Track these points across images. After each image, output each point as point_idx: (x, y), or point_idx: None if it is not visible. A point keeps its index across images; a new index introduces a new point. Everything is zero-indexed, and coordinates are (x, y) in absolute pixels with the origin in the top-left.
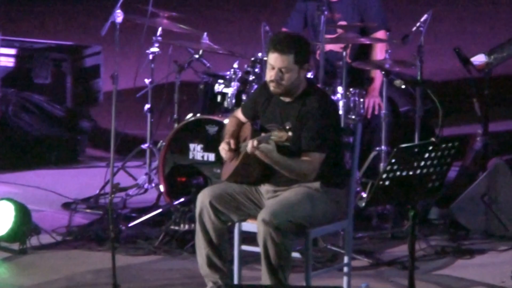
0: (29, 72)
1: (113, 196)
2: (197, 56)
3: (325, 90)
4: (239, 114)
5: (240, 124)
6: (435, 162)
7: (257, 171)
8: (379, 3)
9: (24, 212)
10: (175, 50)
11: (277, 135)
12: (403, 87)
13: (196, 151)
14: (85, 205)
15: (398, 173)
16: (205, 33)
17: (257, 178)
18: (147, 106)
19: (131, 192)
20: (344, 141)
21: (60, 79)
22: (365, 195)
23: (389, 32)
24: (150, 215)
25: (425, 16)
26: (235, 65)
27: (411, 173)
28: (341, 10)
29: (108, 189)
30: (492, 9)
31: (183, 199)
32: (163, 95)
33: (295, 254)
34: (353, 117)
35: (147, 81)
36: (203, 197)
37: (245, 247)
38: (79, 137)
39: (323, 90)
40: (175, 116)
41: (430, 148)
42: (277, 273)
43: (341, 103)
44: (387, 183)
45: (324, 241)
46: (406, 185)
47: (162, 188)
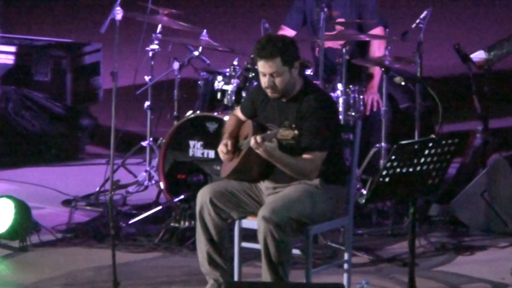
0: (29, 70)
1: (113, 193)
2: (196, 53)
3: (322, 87)
4: (239, 113)
5: (239, 122)
6: (435, 159)
7: (257, 168)
8: (376, 0)
9: (24, 210)
10: (175, 47)
11: (283, 133)
12: (403, 84)
13: (196, 148)
14: (85, 202)
15: (398, 170)
16: (205, 30)
17: (257, 175)
18: (147, 103)
19: (131, 189)
20: (344, 138)
21: (60, 76)
22: (365, 192)
23: (387, 29)
24: (150, 212)
25: (424, 13)
26: (235, 62)
27: (411, 169)
28: (339, 8)
29: (108, 186)
30: (492, 6)
31: (183, 196)
32: (163, 92)
33: (295, 251)
34: (352, 114)
35: (147, 78)
36: (203, 194)
37: (245, 244)
38: (79, 134)
39: (320, 88)
40: (175, 113)
41: (430, 145)
42: (278, 270)
43: (341, 100)
44: (387, 180)
45: (324, 238)
46: (406, 181)
47: (162, 185)
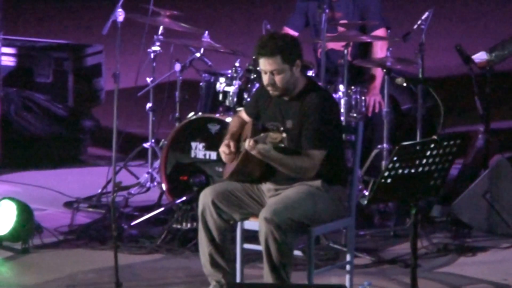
0: (31, 71)
1: (115, 195)
2: (198, 55)
3: (325, 87)
4: (243, 114)
5: (243, 124)
6: (437, 159)
7: (257, 169)
8: (379, 1)
9: (27, 211)
10: (177, 49)
11: (272, 136)
12: (405, 85)
13: (198, 150)
14: (87, 204)
15: (400, 171)
16: (206, 32)
17: (258, 176)
18: (149, 105)
19: (133, 191)
20: (346, 139)
21: (62, 78)
22: (367, 193)
23: (389, 30)
24: (152, 214)
25: (426, 14)
26: (237, 64)
27: (413, 170)
28: (342, 9)
29: (110, 188)
30: (494, 7)
31: (185, 197)
32: (164, 94)
33: (297, 252)
34: (354, 115)
35: (148, 80)
36: (205, 196)
37: (247, 246)
38: (81, 136)
39: (322, 87)
40: (177, 115)
41: (432, 145)
42: (279, 271)
43: (342, 101)
44: (389, 181)
45: (326, 239)
46: (408, 182)
47: (164, 186)
